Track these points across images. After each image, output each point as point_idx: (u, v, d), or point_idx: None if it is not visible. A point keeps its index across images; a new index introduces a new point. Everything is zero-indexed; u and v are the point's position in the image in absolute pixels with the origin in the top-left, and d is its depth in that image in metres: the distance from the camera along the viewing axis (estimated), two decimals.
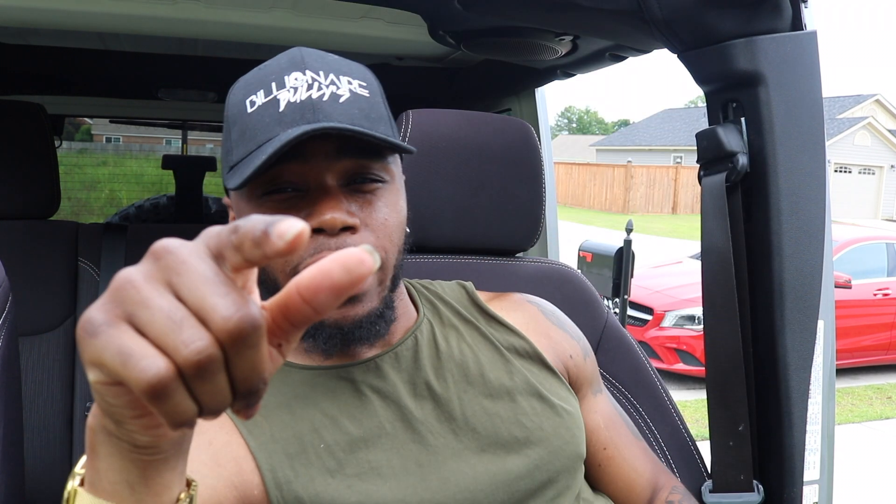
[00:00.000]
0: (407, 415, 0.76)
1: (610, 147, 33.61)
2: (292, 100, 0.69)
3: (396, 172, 0.78)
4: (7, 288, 0.81)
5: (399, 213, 0.76)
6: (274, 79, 0.71)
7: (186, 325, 0.33)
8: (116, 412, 0.38)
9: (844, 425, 5.08)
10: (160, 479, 0.43)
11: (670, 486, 0.93)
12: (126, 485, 0.42)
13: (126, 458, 0.41)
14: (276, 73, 0.72)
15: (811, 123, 0.94)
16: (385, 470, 0.72)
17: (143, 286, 0.34)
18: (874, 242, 6.64)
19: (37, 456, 1.35)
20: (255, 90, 0.72)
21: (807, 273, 0.95)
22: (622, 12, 0.96)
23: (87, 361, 0.35)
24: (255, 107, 0.71)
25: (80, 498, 0.43)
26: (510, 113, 2.02)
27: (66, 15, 1.39)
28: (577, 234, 11.97)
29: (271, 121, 0.69)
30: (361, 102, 0.72)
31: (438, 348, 0.81)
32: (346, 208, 0.70)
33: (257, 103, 0.71)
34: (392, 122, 0.77)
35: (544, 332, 0.90)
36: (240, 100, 0.73)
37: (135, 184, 5.17)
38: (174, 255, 0.35)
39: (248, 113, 0.71)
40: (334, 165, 0.71)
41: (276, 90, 0.70)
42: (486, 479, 0.74)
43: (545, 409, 0.81)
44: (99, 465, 0.42)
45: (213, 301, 0.33)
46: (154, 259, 0.35)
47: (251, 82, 0.73)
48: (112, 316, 0.34)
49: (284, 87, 0.70)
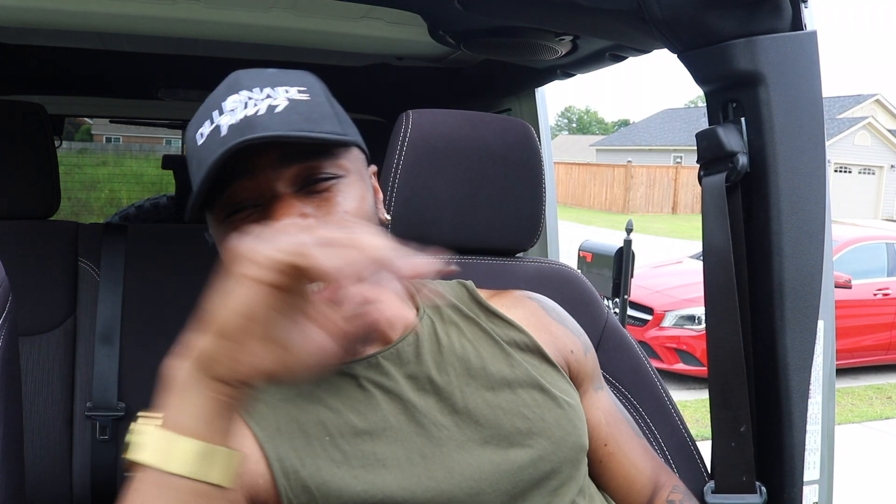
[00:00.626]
0: (410, 408, 0.77)
1: (610, 147, 33.62)
2: (231, 122, 0.71)
3: (354, 166, 0.78)
4: (7, 288, 0.81)
5: (362, 202, 0.76)
6: (214, 108, 0.74)
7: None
8: (270, 322, 0.51)
9: (844, 425, 5.08)
10: (226, 423, 0.54)
11: (671, 485, 0.94)
12: (204, 422, 0.53)
13: (203, 393, 0.53)
14: (216, 102, 0.74)
15: (811, 123, 0.94)
16: (390, 461, 0.73)
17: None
18: (874, 242, 6.64)
19: (37, 456, 1.35)
20: (202, 122, 0.74)
21: (807, 273, 0.95)
22: (622, 12, 0.96)
23: (278, 254, 0.50)
24: (204, 138, 0.73)
25: (152, 435, 0.53)
26: (510, 113, 2.02)
27: (66, 15, 1.39)
28: (577, 234, 11.97)
29: (216, 147, 0.70)
30: (300, 107, 0.73)
31: (440, 343, 0.82)
32: (300, 211, 0.71)
33: (205, 134, 0.73)
34: (340, 118, 0.78)
35: (545, 328, 0.91)
36: (192, 136, 0.76)
37: (135, 184, 5.17)
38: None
39: (198, 146, 0.73)
40: (282, 173, 0.72)
41: (217, 118, 0.73)
42: (489, 470, 0.75)
43: (546, 401, 0.82)
44: (177, 402, 0.53)
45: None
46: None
47: (199, 116, 0.76)
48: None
49: (224, 113, 0.72)
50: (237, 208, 0.73)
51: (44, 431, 1.36)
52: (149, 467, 0.53)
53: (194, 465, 0.53)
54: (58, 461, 1.37)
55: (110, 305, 1.42)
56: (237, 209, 0.73)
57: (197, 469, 0.53)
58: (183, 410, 0.53)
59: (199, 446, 0.53)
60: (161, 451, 0.53)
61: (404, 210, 1.07)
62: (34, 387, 1.36)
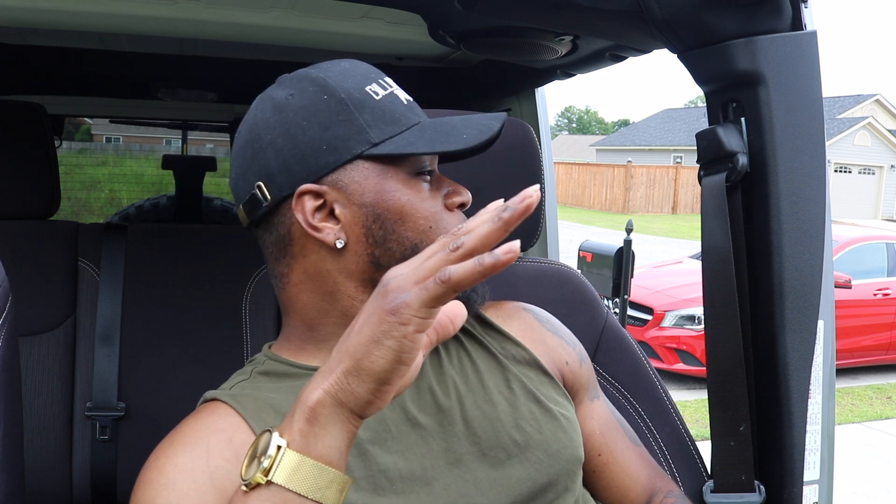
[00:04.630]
0: (410, 419, 0.76)
1: (610, 147, 33.61)
2: (402, 98, 0.80)
3: None
4: (7, 288, 0.81)
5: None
6: (375, 78, 0.79)
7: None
8: (409, 341, 0.54)
9: (844, 425, 5.08)
10: (348, 450, 0.58)
11: (666, 491, 0.93)
12: (336, 450, 0.57)
13: (344, 427, 0.57)
14: (372, 74, 0.80)
15: (811, 123, 0.94)
16: (391, 473, 0.72)
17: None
18: (874, 242, 6.64)
19: (37, 456, 1.35)
20: (368, 83, 0.78)
21: (807, 273, 0.95)
22: (622, 12, 0.96)
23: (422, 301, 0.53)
24: (380, 96, 0.78)
25: (289, 457, 0.55)
26: (510, 113, 2.02)
27: (66, 15, 1.39)
28: (577, 234, 11.97)
29: (405, 110, 0.78)
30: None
31: (439, 356, 0.82)
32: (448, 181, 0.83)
33: (380, 94, 0.78)
34: None
35: (540, 339, 0.90)
36: (358, 86, 0.77)
37: (135, 184, 5.17)
38: None
39: (376, 100, 0.77)
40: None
41: (389, 86, 0.80)
42: (486, 484, 0.75)
43: (543, 415, 0.82)
44: (319, 432, 0.56)
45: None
46: None
47: (356, 74, 0.79)
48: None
49: (390, 87, 0.79)
50: (424, 170, 0.79)
51: (44, 431, 1.36)
52: (283, 489, 0.55)
53: (334, 495, 0.57)
54: (58, 461, 1.37)
55: (110, 305, 1.42)
56: (423, 171, 0.79)
57: (334, 497, 0.57)
58: (325, 443, 0.56)
59: (337, 476, 0.57)
60: (306, 479, 0.55)
61: None
62: (34, 387, 1.36)
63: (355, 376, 0.55)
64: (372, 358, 0.54)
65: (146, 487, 0.67)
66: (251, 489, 0.56)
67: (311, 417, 0.56)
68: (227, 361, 1.38)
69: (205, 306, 1.44)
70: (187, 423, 0.74)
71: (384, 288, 0.55)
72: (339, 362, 0.56)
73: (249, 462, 0.58)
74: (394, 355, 0.54)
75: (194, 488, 0.66)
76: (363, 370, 0.55)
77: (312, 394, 0.57)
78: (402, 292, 0.53)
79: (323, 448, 0.56)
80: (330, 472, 0.56)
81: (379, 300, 0.55)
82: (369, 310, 0.56)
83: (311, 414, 0.56)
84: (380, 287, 0.56)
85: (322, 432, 0.56)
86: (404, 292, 0.53)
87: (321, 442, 0.56)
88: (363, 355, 0.55)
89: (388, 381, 0.55)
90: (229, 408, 0.74)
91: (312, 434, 0.56)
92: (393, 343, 0.54)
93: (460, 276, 0.51)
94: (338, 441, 0.57)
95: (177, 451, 0.69)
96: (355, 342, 0.56)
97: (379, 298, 0.55)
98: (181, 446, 0.70)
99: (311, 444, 0.56)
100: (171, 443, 0.71)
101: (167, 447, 0.71)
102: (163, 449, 0.71)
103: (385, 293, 0.55)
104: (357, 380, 0.55)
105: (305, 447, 0.56)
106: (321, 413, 0.56)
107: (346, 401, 0.56)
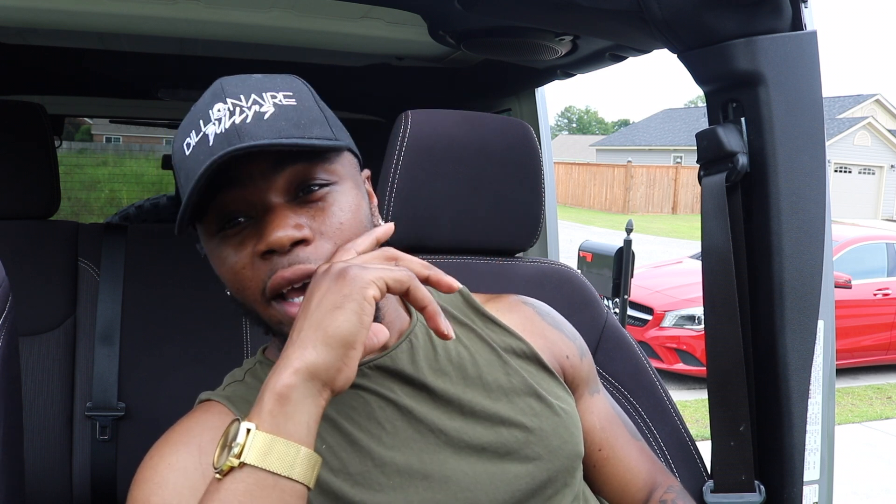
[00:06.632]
0: (405, 415, 0.76)
1: (610, 147, 33.60)
2: (218, 131, 0.69)
3: (347, 171, 0.76)
4: (7, 288, 0.81)
5: (356, 211, 0.74)
6: (201, 116, 0.72)
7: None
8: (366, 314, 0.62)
9: (844, 425, 5.08)
10: (316, 427, 0.62)
11: (666, 485, 0.93)
12: (305, 426, 0.60)
13: (315, 402, 0.61)
14: (202, 111, 0.72)
15: (811, 123, 0.94)
16: (388, 468, 0.72)
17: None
18: (874, 242, 6.64)
19: (37, 456, 1.35)
20: (189, 132, 0.72)
21: (807, 273, 0.95)
22: (622, 12, 0.96)
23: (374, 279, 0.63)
24: (191, 148, 0.71)
25: (260, 437, 0.58)
26: (510, 113, 2.02)
27: (66, 15, 1.39)
28: (577, 234, 11.97)
29: (204, 157, 0.68)
30: (289, 112, 0.71)
31: (435, 350, 0.82)
32: (295, 222, 0.70)
33: (192, 144, 0.71)
34: (331, 122, 0.76)
35: (540, 333, 0.90)
36: (179, 147, 0.74)
37: (135, 184, 5.17)
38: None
39: (186, 156, 0.71)
40: (274, 182, 0.70)
41: (203, 127, 0.71)
42: (485, 479, 0.75)
43: (543, 409, 0.81)
44: (290, 411, 0.59)
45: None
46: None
47: (185, 126, 0.74)
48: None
49: (210, 122, 0.70)
50: (229, 221, 0.71)
51: (44, 431, 1.36)
52: (256, 469, 0.58)
53: (306, 471, 0.60)
54: (58, 461, 1.37)
55: (110, 305, 1.42)
56: (229, 222, 0.71)
57: (306, 474, 0.60)
58: (296, 420, 0.60)
59: (308, 454, 0.60)
60: (278, 457, 0.58)
61: (403, 210, 1.07)
62: (34, 387, 1.36)
63: (324, 344, 0.61)
64: (338, 323, 0.61)
65: (141, 486, 0.68)
66: (224, 475, 0.58)
67: (283, 398, 0.60)
68: (227, 361, 1.37)
69: (205, 306, 1.44)
70: (181, 422, 0.75)
71: (330, 268, 0.65)
72: (307, 338, 0.61)
73: (221, 451, 0.60)
74: (356, 317, 0.61)
75: (188, 486, 0.67)
76: (331, 336, 0.61)
77: (282, 375, 0.60)
78: (352, 262, 0.64)
79: (293, 426, 0.59)
80: (301, 450, 0.59)
81: (330, 278, 0.64)
82: (323, 288, 0.63)
83: (281, 395, 0.60)
84: (321, 273, 0.65)
85: (293, 411, 0.60)
86: (355, 263, 0.64)
87: (291, 420, 0.59)
88: (329, 323, 0.61)
89: (353, 344, 0.61)
90: (223, 407, 0.76)
91: (283, 414, 0.59)
92: (354, 305, 0.61)
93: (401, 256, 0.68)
94: (307, 417, 0.60)
95: (170, 449, 0.70)
96: (318, 315, 0.62)
97: (328, 277, 0.64)
98: (174, 445, 0.71)
99: (280, 423, 0.59)
100: (165, 442, 0.72)
101: (161, 446, 0.71)
102: (157, 448, 0.72)
103: (333, 271, 0.64)
104: (326, 347, 0.61)
105: (275, 427, 0.59)
106: (293, 392, 0.60)
107: (317, 372, 0.60)
